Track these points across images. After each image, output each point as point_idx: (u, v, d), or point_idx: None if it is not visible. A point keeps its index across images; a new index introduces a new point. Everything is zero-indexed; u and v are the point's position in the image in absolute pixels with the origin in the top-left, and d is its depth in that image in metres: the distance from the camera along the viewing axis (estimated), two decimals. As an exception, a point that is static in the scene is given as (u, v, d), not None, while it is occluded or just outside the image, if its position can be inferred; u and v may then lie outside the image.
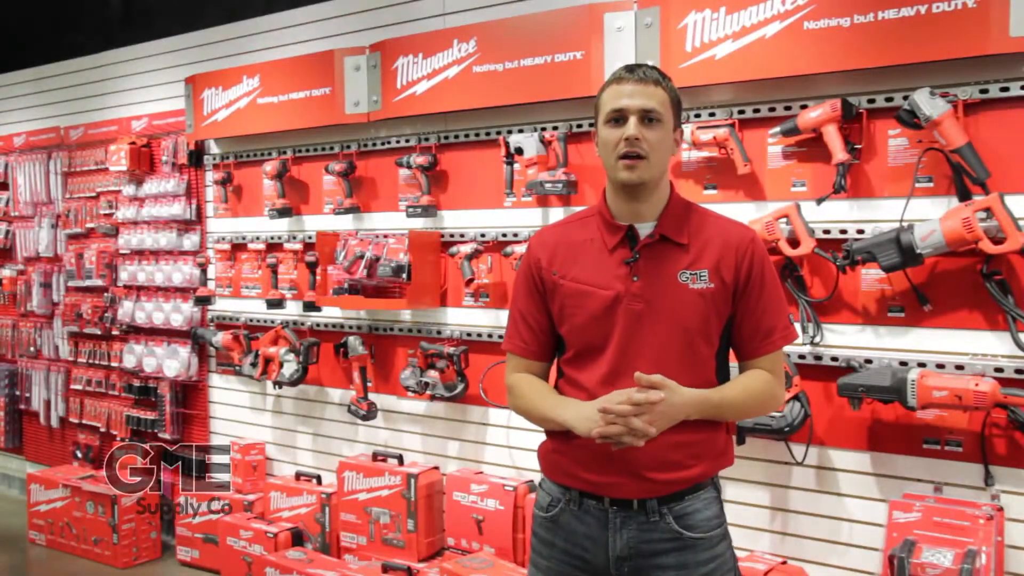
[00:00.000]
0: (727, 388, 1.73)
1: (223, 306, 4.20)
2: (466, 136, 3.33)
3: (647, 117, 1.66)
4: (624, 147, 1.66)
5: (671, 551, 1.67)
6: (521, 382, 1.83)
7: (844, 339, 2.55)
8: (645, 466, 1.65)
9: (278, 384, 3.79)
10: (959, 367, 2.34)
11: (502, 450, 3.30)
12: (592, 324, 1.72)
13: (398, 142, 3.53)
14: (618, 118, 1.68)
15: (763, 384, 1.74)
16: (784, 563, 2.63)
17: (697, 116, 2.76)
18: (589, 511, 1.71)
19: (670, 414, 1.61)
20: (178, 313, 4.31)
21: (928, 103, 2.28)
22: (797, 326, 2.16)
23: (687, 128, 2.69)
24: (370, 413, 3.53)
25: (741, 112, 2.69)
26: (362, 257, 3.41)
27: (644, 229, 1.72)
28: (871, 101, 2.47)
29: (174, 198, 4.31)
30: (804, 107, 2.54)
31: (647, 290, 1.69)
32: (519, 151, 3.07)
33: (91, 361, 4.85)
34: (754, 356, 1.75)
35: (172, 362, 4.31)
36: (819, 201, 2.53)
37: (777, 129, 2.60)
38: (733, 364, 1.80)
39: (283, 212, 3.82)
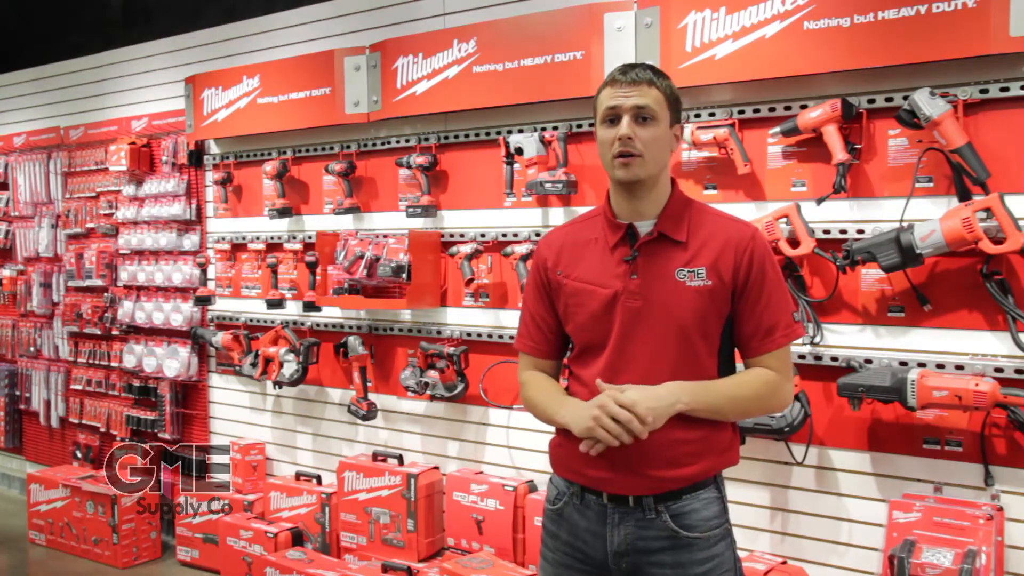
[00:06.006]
0: (719, 379, 1.73)
1: (223, 306, 4.20)
2: (466, 136, 3.33)
3: (640, 116, 1.68)
4: (618, 146, 1.68)
5: (667, 549, 1.68)
6: (532, 380, 1.87)
7: (844, 339, 2.55)
8: (643, 462, 1.66)
9: (278, 384, 3.79)
10: (959, 367, 2.34)
11: (502, 450, 3.30)
12: (592, 322, 1.74)
13: (398, 142, 3.53)
14: (612, 118, 1.70)
15: (761, 379, 1.73)
16: (784, 563, 2.63)
17: (697, 116, 2.76)
18: (590, 506, 1.73)
19: (655, 405, 1.61)
20: (178, 313, 4.31)
21: (928, 103, 2.28)
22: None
23: (687, 128, 2.70)
24: (370, 413, 3.53)
25: (741, 112, 2.69)
26: (362, 257, 3.41)
27: (644, 227, 1.73)
28: (871, 101, 2.47)
29: (174, 198, 4.31)
30: (804, 107, 2.55)
31: (645, 288, 1.70)
32: (519, 151, 3.07)
33: (91, 361, 4.85)
34: (756, 354, 1.74)
35: (172, 362, 4.31)
36: (819, 201, 2.53)
37: (777, 129, 2.60)
38: (739, 365, 1.80)
39: (283, 212, 3.82)
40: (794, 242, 2.54)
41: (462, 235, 3.33)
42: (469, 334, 3.32)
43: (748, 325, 1.72)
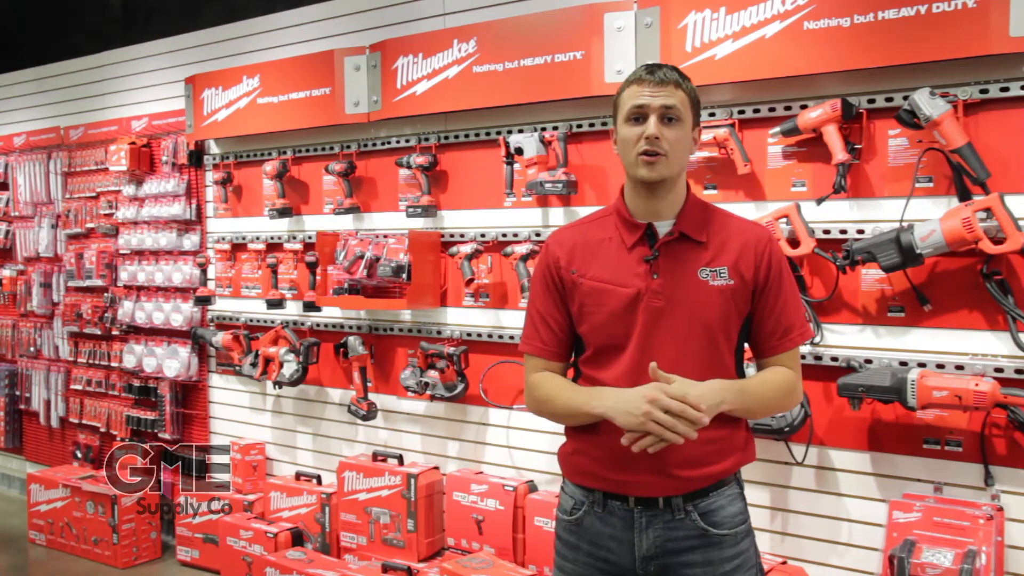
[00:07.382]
0: (749, 379, 1.75)
1: (223, 306, 4.20)
2: (466, 136, 3.33)
3: (667, 116, 1.67)
4: (644, 145, 1.67)
5: (697, 548, 1.68)
6: (545, 379, 1.80)
7: (844, 339, 2.55)
8: (670, 463, 1.65)
9: (278, 384, 3.79)
10: (959, 367, 2.34)
11: (502, 450, 3.30)
12: (612, 322, 1.71)
13: (398, 142, 3.53)
14: (638, 116, 1.68)
15: (784, 379, 1.75)
16: (784, 563, 2.63)
17: (697, 116, 2.76)
18: (614, 512, 1.71)
19: (709, 402, 1.59)
20: (178, 313, 4.31)
21: (928, 103, 2.28)
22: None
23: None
24: (370, 413, 3.53)
25: (741, 112, 2.69)
26: (362, 257, 3.41)
27: (663, 227, 1.73)
28: (871, 101, 2.47)
29: (174, 198, 4.31)
30: (804, 107, 2.55)
31: (667, 287, 1.69)
32: (519, 151, 3.07)
33: (91, 361, 4.85)
34: (773, 354, 1.76)
35: (172, 362, 4.31)
36: (819, 201, 2.53)
37: (777, 129, 2.60)
38: (748, 364, 1.81)
39: (283, 212, 3.82)
40: (794, 242, 2.54)
41: (462, 235, 3.33)
42: (469, 334, 3.32)
43: (767, 324, 1.74)
